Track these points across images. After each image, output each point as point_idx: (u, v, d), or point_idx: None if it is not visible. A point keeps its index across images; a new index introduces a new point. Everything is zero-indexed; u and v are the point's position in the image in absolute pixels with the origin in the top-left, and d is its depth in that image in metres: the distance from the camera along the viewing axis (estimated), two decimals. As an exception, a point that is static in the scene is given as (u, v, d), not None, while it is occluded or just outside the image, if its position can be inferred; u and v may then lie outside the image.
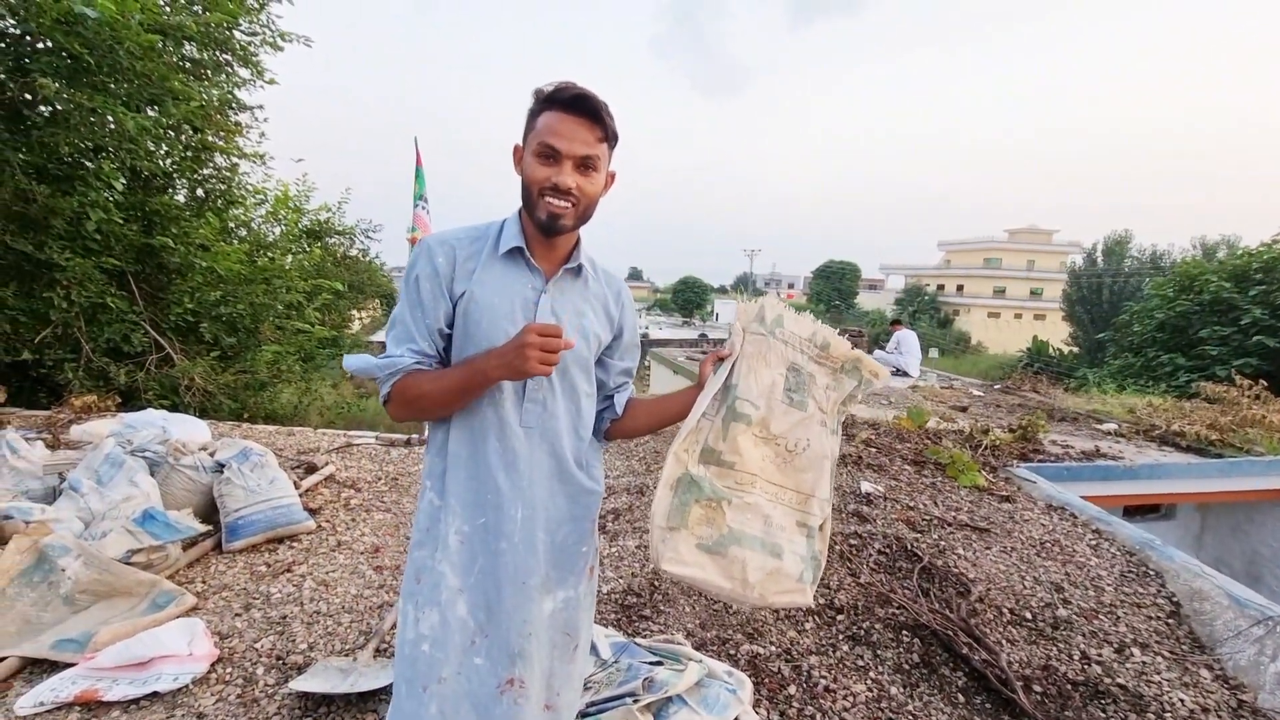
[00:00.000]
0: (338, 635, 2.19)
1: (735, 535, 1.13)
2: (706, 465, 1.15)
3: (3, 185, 4.41)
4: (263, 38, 6.26)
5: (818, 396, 1.21)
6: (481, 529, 1.13)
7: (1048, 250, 46.94)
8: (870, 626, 2.29)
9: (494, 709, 1.12)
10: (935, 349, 30.83)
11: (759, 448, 1.17)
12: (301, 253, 8.97)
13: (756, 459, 1.17)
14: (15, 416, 4.27)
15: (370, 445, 4.34)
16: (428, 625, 1.12)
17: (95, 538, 2.41)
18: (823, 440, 1.21)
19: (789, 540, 1.17)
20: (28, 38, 4.45)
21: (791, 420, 1.19)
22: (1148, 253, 28.97)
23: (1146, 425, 5.93)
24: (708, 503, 1.13)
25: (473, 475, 1.13)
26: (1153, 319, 12.86)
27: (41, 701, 1.76)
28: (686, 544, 1.12)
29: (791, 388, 1.19)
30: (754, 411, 1.16)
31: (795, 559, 1.17)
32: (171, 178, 6.06)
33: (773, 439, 1.18)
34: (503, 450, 1.12)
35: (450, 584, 1.12)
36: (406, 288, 1.14)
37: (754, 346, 1.19)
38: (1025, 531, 3.17)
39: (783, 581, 1.15)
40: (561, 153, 1.06)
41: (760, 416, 1.17)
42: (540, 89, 1.11)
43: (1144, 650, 2.25)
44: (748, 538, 1.14)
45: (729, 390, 1.17)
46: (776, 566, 1.15)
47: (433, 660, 1.11)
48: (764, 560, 1.14)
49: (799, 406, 1.19)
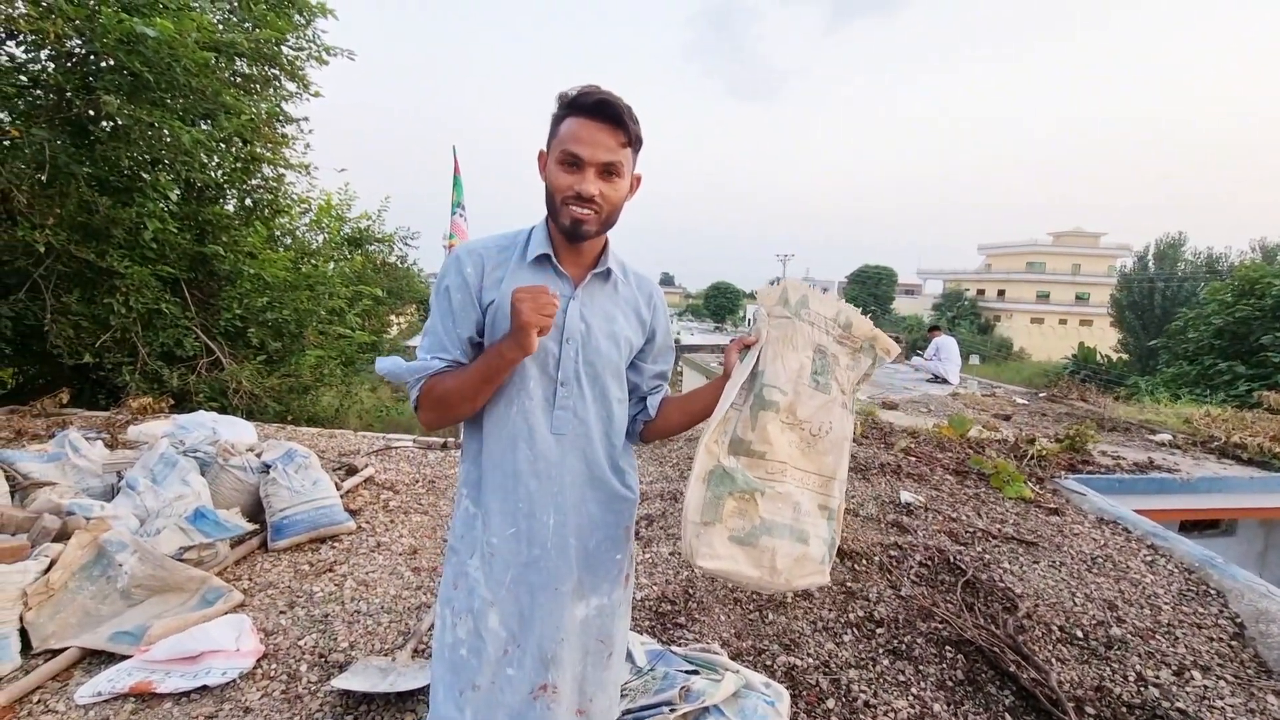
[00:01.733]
0: (377, 635, 2.23)
1: (767, 525, 1.12)
2: (737, 456, 1.13)
3: (68, 197, 4.64)
4: (309, 52, 6.47)
5: (840, 378, 1.20)
6: (512, 539, 1.14)
7: (1094, 254, 45.34)
8: (912, 641, 2.23)
9: (527, 715, 1.12)
10: (976, 355, 30.01)
11: (786, 434, 1.15)
12: (343, 259, 9.21)
13: (785, 446, 1.15)
14: (77, 417, 4.48)
15: (408, 448, 4.42)
16: (464, 631, 1.14)
17: (150, 534, 2.51)
18: (844, 422, 1.20)
19: (813, 525, 1.17)
20: (93, 57, 4.68)
21: (817, 404, 1.17)
22: (1203, 255, 27.74)
23: (1204, 436, 5.65)
24: (741, 495, 1.11)
25: (504, 482, 1.13)
26: (1210, 325, 12.31)
27: (100, 691, 1.83)
28: (720, 538, 1.10)
29: (818, 370, 1.18)
30: (782, 398, 1.14)
31: (818, 543, 1.17)
32: (222, 188, 6.30)
33: (799, 424, 1.16)
34: (533, 457, 1.13)
35: (482, 595, 1.13)
36: (438, 298, 1.16)
37: (779, 330, 1.17)
38: (1075, 546, 3.05)
39: (807, 565, 1.16)
40: (584, 159, 1.06)
41: (788, 402, 1.15)
42: (564, 93, 1.10)
43: (1205, 673, 2.13)
44: (779, 526, 1.13)
45: (756, 378, 1.15)
46: (803, 552, 1.15)
47: (468, 666, 1.12)
48: (792, 547, 1.14)
49: (824, 389, 1.18)
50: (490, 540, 1.14)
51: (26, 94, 4.74)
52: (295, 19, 6.22)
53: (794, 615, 2.38)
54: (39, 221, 4.51)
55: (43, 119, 4.63)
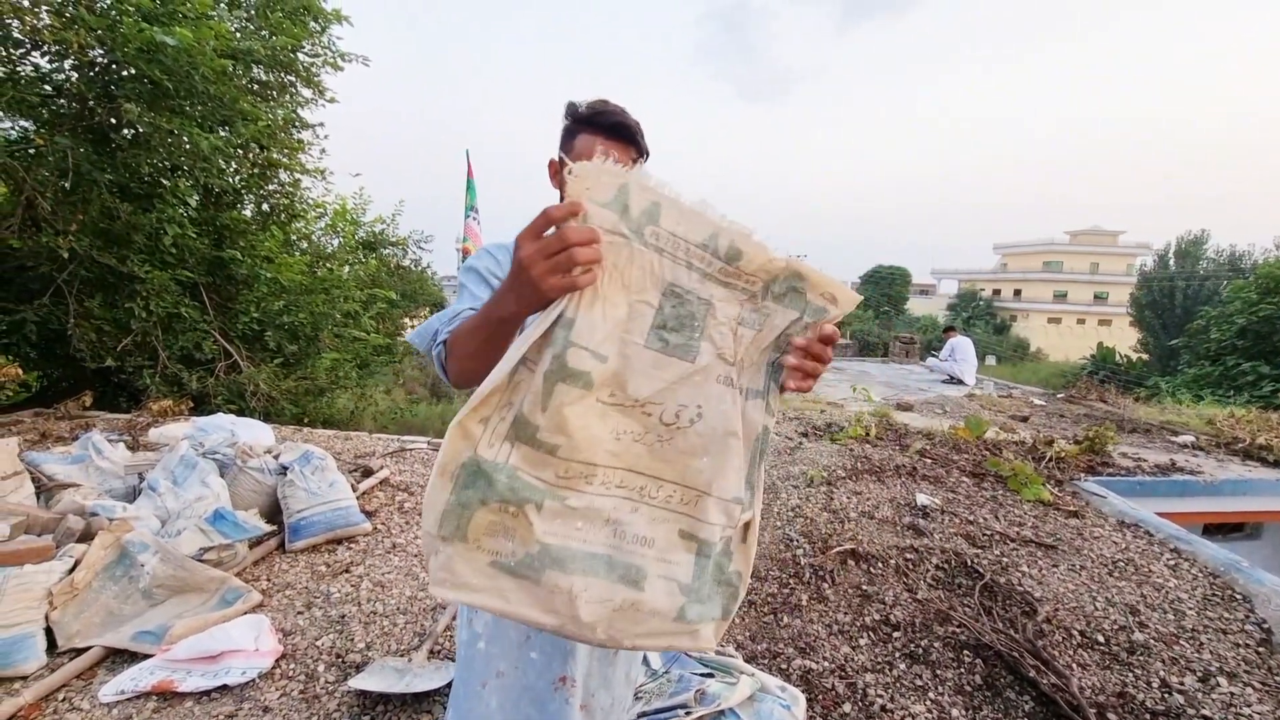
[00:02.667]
0: (393, 635, 2.25)
1: (554, 555, 0.76)
2: (514, 444, 0.75)
3: (91, 204, 4.73)
4: (324, 59, 6.56)
5: (718, 337, 0.79)
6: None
7: (1113, 252, 44.69)
8: (929, 645, 2.20)
9: (549, 705, 1.14)
10: (992, 356, 29.69)
11: (608, 420, 0.78)
12: (358, 263, 9.30)
13: (603, 438, 0.78)
14: (100, 420, 4.56)
15: (422, 450, 4.45)
16: (481, 624, 1.15)
17: (171, 535, 2.54)
18: (727, 406, 0.79)
19: (659, 560, 0.80)
20: (114, 66, 4.77)
21: (667, 376, 0.78)
22: (1225, 253, 27.25)
23: (1228, 438, 5.54)
24: (501, 506, 0.75)
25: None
26: (1233, 324, 12.09)
27: (122, 690, 1.86)
28: (469, 562, 0.75)
29: (667, 324, 0.77)
30: (596, 366, 0.75)
31: (669, 588, 0.80)
32: (240, 194, 6.39)
33: (636, 406, 0.78)
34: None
35: None
36: (467, 275, 1.16)
37: (607, 256, 0.73)
38: (1096, 549, 3.00)
39: (646, 621, 0.79)
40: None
41: (608, 372, 0.76)
42: (575, 106, 1.13)
43: (1231, 680, 2.09)
44: (579, 556, 0.77)
45: (559, 328, 0.74)
46: (633, 600, 0.78)
47: (489, 656, 1.14)
48: (610, 590, 0.77)
49: (680, 353, 0.78)
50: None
51: (50, 103, 4.84)
52: (311, 26, 6.30)
53: (809, 619, 2.36)
54: (62, 228, 4.60)
55: (66, 127, 4.72)
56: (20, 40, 4.54)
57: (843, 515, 3.15)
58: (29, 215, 4.69)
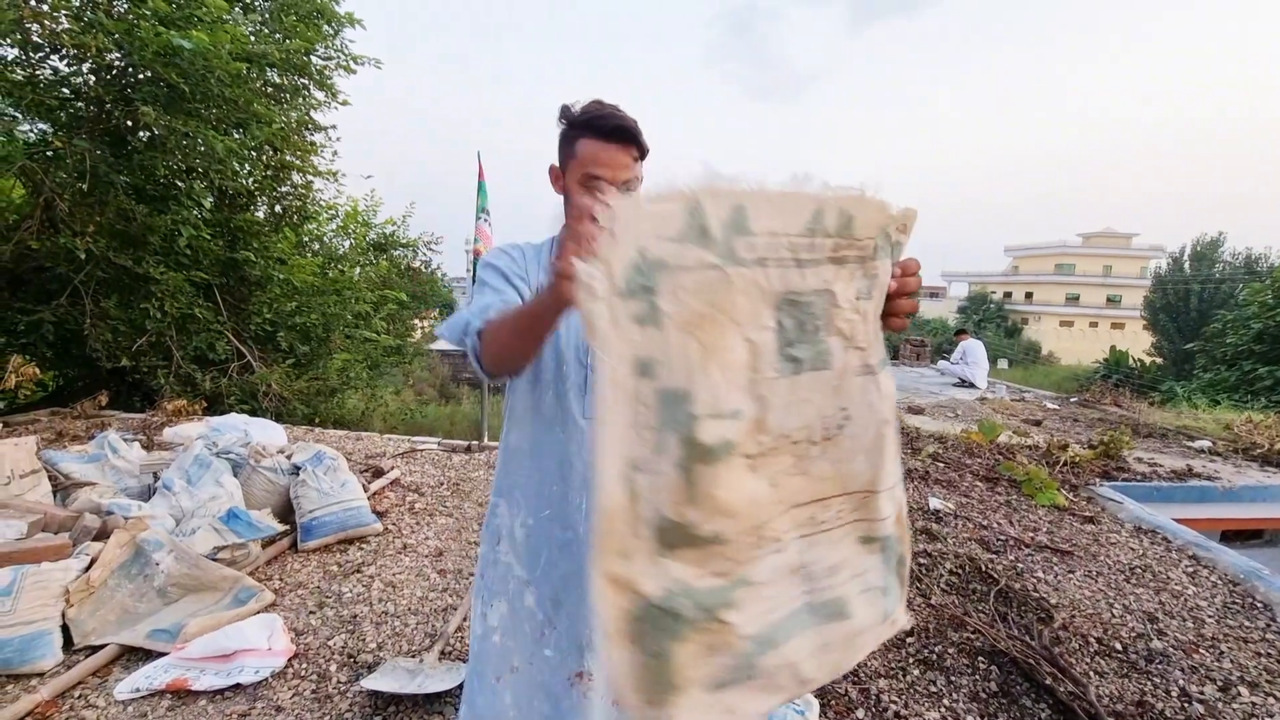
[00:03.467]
0: (404, 636, 2.25)
1: (763, 639, 0.65)
2: (672, 556, 0.61)
3: (107, 206, 4.79)
4: (337, 61, 6.61)
5: (845, 327, 0.68)
6: (546, 520, 1.15)
7: (1126, 255, 44.22)
8: (943, 651, 2.18)
9: (564, 701, 1.13)
10: (1004, 359, 29.44)
11: (762, 470, 0.65)
12: (369, 265, 9.36)
13: (761, 493, 0.65)
14: (115, 419, 4.61)
15: (433, 451, 4.46)
16: (497, 617, 1.15)
17: (185, 534, 2.56)
18: (872, 398, 0.71)
19: (853, 576, 0.73)
20: (131, 69, 4.83)
21: (809, 396, 0.67)
22: (1241, 256, 26.90)
23: (1246, 443, 5.46)
24: (695, 630, 0.62)
25: (541, 464, 1.16)
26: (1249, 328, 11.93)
27: (138, 688, 1.87)
28: (693, 701, 0.62)
29: (792, 340, 0.65)
30: (733, 426, 0.62)
31: (871, 599, 0.74)
32: (253, 196, 6.45)
33: (785, 440, 0.67)
34: (566, 440, 1.15)
35: (517, 574, 1.15)
36: (488, 272, 1.16)
37: (698, 297, 0.59)
38: (1112, 555, 2.97)
39: (861, 639, 0.74)
40: (606, 180, 1.09)
41: (748, 425, 0.63)
42: (570, 110, 1.12)
43: (1253, 690, 2.05)
44: (782, 626, 0.67)
45: (670, 403, 0.60)
46: (845, 631, 0.71)
47: (504, 650, 1.13)
48: (822, 635, 0.69)
49: (815, 365, 0.67)
50: (527, 521, 1.16)
51: (69, 106, 4.90)
52: (324, 29, 6.35)
53: (821, 623, 2.34)
54: (80, 229, 4.66)
55: (84, 130, 4.78)
56: (40, 44, 4.61)
57: (854, 519, 3.13)
58: (47, 217, 4.75)
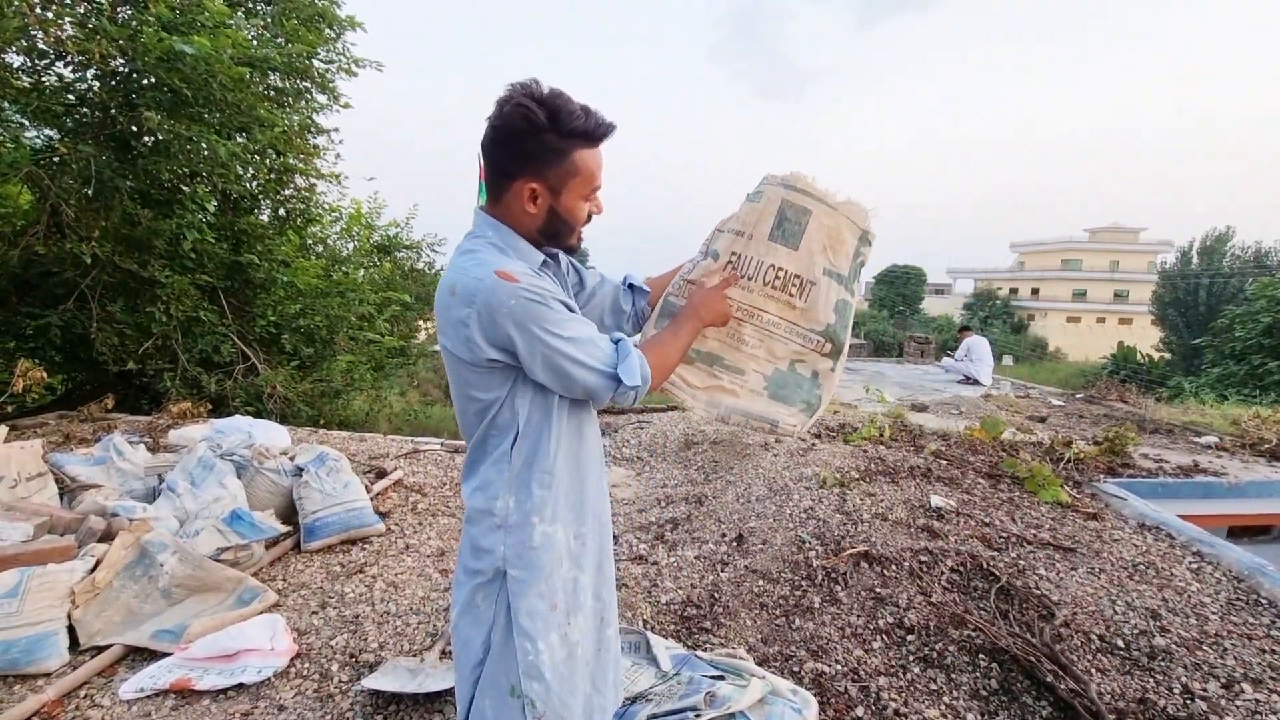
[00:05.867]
0: (406, 635, 2.26)
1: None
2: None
3: (113, 210, 4.83)
4: (339, 64, 6.63)
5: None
6: (596, 533, 1.21)
7: (1133, 250, 43.92)
8: (944, 648, 2.18)
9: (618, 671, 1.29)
10: (1009, 356, 29.30)
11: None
12: (373, 267, 9.40)
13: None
14: (121, 422, 4.64)
15: (436, 451, 4.48)
16: (578, 631, 1.14)
17: (189, 536, 2.58)
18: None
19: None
20: (134, 75, 4.86)
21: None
22: (1250, 250, 26.69)
23: (1254, 439, 5.42)
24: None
25: (574, 474, 1.16)
26: (1258, 323, 11.84)
27: (142, 688, 1.89)
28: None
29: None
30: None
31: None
32: (257, 199, 6.48)
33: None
34: (599, 456, 1.25)
35: (583, 584, 1.18)
36: (555, 303, 1.03)
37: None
38: (1115, 552, 2.95)
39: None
40: (599, 186, 1.11)
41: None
42: (559, 119, 0.99)
43: (1257, 687, 2.04)
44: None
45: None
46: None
47: (585, 656, 1.17)
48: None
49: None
50: (580, 532, 1.18)
51: (74, 112, 4.94)
52: (326, 33, 6.37)
53: (822, 621, 2.34)
54: (86, 234, 4.69)
55: (89, 135, 4.82)
56: (45, 51, 4.65)
57: (856, 517, 3.13)
58: (54, 222, 4.79)
